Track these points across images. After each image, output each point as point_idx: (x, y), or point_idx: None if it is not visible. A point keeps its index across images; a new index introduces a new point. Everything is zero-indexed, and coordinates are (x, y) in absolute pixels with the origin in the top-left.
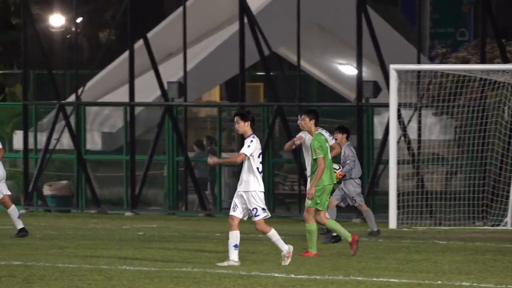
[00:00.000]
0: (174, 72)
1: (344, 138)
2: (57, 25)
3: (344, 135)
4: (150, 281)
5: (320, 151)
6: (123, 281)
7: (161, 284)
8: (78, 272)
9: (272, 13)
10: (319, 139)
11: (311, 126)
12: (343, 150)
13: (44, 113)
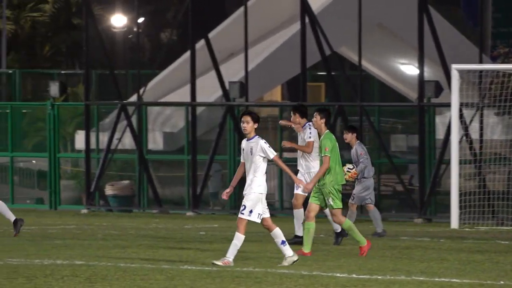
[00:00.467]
0: (236, 72)
1: (354, 137)
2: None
3: (354, 134)
4: (211, 281)
5: (329, 150)
6: (184, 280)
7: (223, 284)
8: (140, 272)
9: (333, 12)
10: (331, 138)
11: (321, 125)
12: (355, 149)
13: (106, 113)
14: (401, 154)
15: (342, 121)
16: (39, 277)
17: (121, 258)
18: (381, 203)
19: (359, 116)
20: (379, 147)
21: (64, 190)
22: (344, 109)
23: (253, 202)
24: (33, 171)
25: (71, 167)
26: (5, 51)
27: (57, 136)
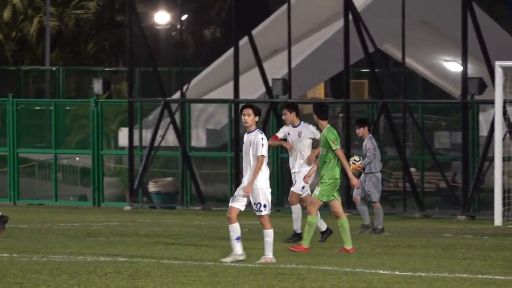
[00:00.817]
0: (279, 69)
1: (366, 131)
2: (162, 22)
3: (365, 128)
4: (254, 278)
5: (337, 143)
6: (227, 277)
7: (266, 281)
8: (183, 269)
9: (376, 9)
10: (333, 132)
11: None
12: (365, 142)
13: (149, 110)
14: (444, 151)
15: (385, 118)
16: (82, 273)
17: (164, 255)
18: (425, 200)
19: (402, 113)
20: (422, 144)
21: (107, 187)
22: (387, 106)
23: (262, 197)
24: (76, 168)
25: (114, 164)
26: (49, 48)
27: (101, 133)
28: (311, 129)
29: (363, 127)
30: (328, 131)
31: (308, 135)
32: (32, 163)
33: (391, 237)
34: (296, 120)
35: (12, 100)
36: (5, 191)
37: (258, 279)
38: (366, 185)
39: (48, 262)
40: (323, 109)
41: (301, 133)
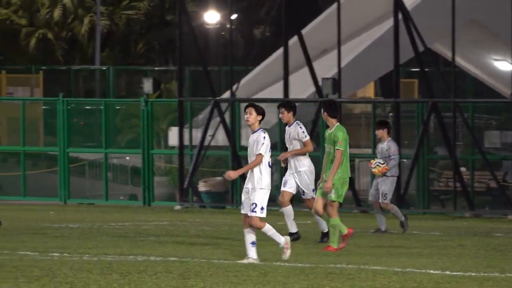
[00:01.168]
0: (329, 68)
1: (385, 133)
2: (212, 22)
3: (385, 130)
4: (305, 277)
5: (343, 143)
6: (277, 277)
7: (316, 280)
8: (233, 268)
9: (426, 9)
10: (344, 130)
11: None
12: (387, 145)
13: (199, 110)
14: (494, 151)
15: (435, 117)
16: (133, 273)
17: (214, 255)
18: (475, 200)
19: (452, 113)
20: (473, 144)
21: (157, 186)
22: (437, 105)
23: (261, 198)
24: (126, 168)
25: (164, 164)
26: (99, 48)
27: (151, 133)
28: (298, 130)
29: (383, 129)
30: (337, 129)
31: (294, 136)
32: (82, 162)
33: (441, 237)
34: (292, 119)
35: (62, 100)
36: (55, 190)
37: (309, 279)
38: (382, 186)
39: (99, 261)
40: (332, 107)
41: (290, 133)
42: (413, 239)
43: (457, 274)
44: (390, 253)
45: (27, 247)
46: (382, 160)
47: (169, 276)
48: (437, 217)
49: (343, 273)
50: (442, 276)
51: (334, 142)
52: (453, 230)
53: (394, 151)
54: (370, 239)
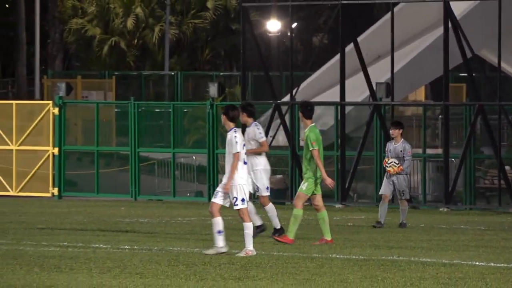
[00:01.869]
0: (382, 73)
1: (399, 133)
2: (273, 30)
3: (400, 130)
4: (358, 269)
5: (316, 143)
6: (333, 268)
7: (369, 272)
8: (292, 260)
9: (474, 17)
10: (315, 131)
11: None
12: (402, 145)
13: (261, 112)
14: None
15: (482, 119)
16: (198, 264)
17: (274, 248)
18: None
19: (498, 115)
20: None
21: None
22: (484, 108)
23: (239, 192)
24: (193, 166)
25: None
26: (168, 55)
27: (216, 134)
28: (256, 131)
29: (399, 129)
30: (310, 130)
31: (252, 136)
32: (152, 161)
33: (486, 231)
34: (249, 120)
35: (133, 103)
36: (126, 187)
37: (362, 270)
38: (397, 184)
39: (167, 253)
40: (308, 109)
41: (249, 134)
42: (460, 233)
43: (501, 265)
44: (439, 246)
45: (100, 240)
46: (397, 160)
47: (232, 267)
48: (483, 213)
49: (395, 264)
50: (487, 268)
51: (308, 143)
52: (497, 225)
53: (408, 152)
54: (420, 234)
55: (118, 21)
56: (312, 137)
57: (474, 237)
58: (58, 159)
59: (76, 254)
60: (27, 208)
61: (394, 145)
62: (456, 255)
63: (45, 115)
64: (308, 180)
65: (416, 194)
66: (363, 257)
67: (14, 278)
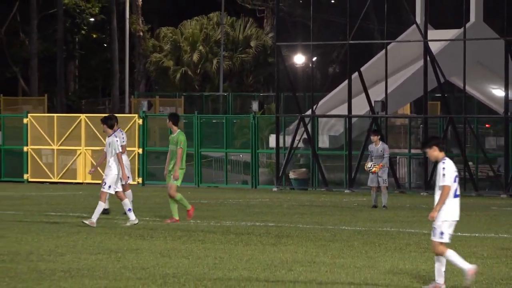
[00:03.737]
0: (379, 93)
1: (378, 138)
2: (299, 62)
3: (379, 136)
4: (361, 237)
5: (183, 144)
6: (343, 236)
7: (369, 239)
8: (312, 231)
9: (446, 53)
10: (184, 135)
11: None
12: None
13: (289, 122)
14: (492, 150)
15: (451, 128)
16: (244, 234)
17: (299, 221)
18: (478, 184)
19: (463, 125)
20: (477, 146)
21: (261, 175)
22: (453, 119)
23: (111, 179)
24: (240, 162)
25: (266, 159)
26: (222, 80)
27: (257, 138)
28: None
29: (378, 135)
30: (179, 134)
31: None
32: (210, 158)
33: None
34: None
35: (197, 116)
36: (192, 177)
37: (364, 238)
38: (382, 176)
39: (221, 226)
40: (176, 118)
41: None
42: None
43: (465, 235)
44: (420, 221)
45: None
46: (374, 160)
47: (269, 236)
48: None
49: (388, 234)
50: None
51: (177, 143)
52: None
53: (386, 151)
54: (406, 211)
55: (187, 56)
56: (182, 139)
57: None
58: (142, 156)
59: (155, 226)
60: None
61: (375, 146)
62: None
63: (132, 125)
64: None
65: (403, 183)
66: (364, 229)
67: (110, 243)
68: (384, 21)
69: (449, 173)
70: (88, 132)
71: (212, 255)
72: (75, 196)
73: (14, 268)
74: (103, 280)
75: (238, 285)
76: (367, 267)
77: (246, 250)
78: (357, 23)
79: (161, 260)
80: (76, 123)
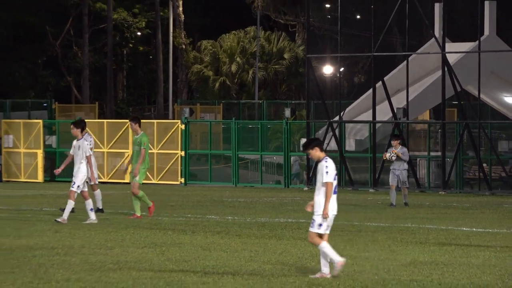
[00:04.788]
0: (401, 101)
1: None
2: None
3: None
4: (384, 232)
5: (146, 144)
6: (368, 232)
7: (392, 235)
8: (340, 227)
9: (462, 64)
10: (147, 136)
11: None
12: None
13: (319, 127)
14: (504, 153)
15: (467, 132)
16: (278, 229)
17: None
18: (492, 184)
19: (478, 129)
20: (491, 149)
21: (293, 176)
22: (469, 125)
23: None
24: (274, 164)
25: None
26: (257, 88)
27: (289, 142)
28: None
29: (398, 139)
30: (142, 135)
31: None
32: (246, 160)
33: (470, 207)
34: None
35: (234, 121)
36: (229, 178)
37: (387, 233)
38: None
39: (256, 222)
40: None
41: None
42: (453, 208)
43: (480, 230)
44: (438, 218)
45: (212, 213)
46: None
47: (300, 231)
48: (467, 195)
49: (408, 230)
50: (470, 232)
51: (140, 143)
52: (477, 203)
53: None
54: (425, 209)
55: (225, 66)
56: (145, 140)
57: (462, 211)
58: (184, 159)
59: (196, 222)
60: (163, 192)
61: (395, 150)
62: (450, 223)
63: (175, 130)
64: (141, 171)
65: (423, 183)
66: (387, 225)
67: (155, 237)
68: (406, 35)
69: (331, 171)
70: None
71: (248, 248)
72: (123, 195)
73: (68, 260)
74: (148, 272)
75: (272, 276)
76: (389, 259)
77: (279, 244)
78: (381, 37)
79: (201, 253)
80: (124, 128)
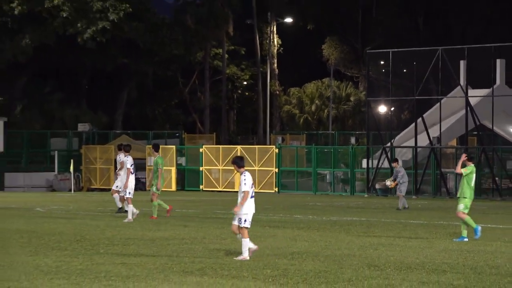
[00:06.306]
0: (436, 132)
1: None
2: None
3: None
4: (424, 227)
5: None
6: (411, 227)
7: (429, 229)
8: (390, 224)
9: (481, 104)
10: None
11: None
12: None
13: (376, 151)
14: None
15: (484, 155)
16: (345, 225)
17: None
18: (502, 193)
19: (492, 153)
20: (501, 167)
21: (357, 186)
22: (485, 149)
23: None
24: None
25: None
26: (331, 123)
27: (354, 161)
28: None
29: (397, 162)
30: (158, 158)
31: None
32: (323, 175)
33: (486, 209)
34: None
35: (314, 147)
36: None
37: (425, 228)
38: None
39: (330, 220)
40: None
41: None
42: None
43: (492, 226)
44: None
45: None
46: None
47: (362, 227)
48: (484, 200)
49: (442, 225)
50: (486, 227)
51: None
52: (491, 206)
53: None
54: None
55: (307, 107)
56: (161, 162)
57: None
58: (277, 174)
59: (285, 220)
60: (262, 198)
61: (396, 169)
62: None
63: (271, 153)
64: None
65: (451, 192)
66: (426, 222)
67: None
68: (439, 84)
69: (248, 182)
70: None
71: (324, 239)
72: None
73: (193, 248)
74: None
75: (341, 259)
76: (427, 247)
77: (347, 236)
78: (421, 85)
79: (289, 242)
80: (234, 151)
